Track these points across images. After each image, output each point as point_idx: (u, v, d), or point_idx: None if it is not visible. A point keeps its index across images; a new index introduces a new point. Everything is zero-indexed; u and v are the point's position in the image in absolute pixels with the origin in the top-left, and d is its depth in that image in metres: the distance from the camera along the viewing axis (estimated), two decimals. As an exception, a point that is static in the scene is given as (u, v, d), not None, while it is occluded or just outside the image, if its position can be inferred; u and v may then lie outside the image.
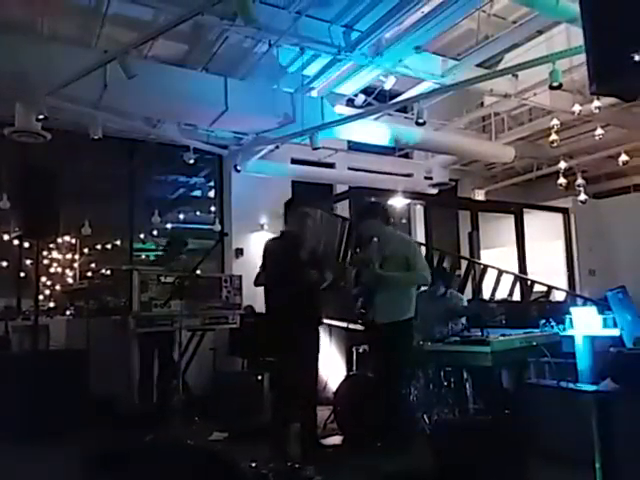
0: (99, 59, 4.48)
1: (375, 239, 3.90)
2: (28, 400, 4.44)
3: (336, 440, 4.32)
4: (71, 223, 6.49)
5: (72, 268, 7.01)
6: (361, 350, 4.91)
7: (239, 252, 7.54)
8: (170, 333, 4.55)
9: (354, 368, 5.13)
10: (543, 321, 4.53)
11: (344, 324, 4.98)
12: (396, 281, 3.72)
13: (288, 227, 3.89)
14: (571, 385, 3.69)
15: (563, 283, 8.12)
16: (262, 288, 3.96)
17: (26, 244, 6.24)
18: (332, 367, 5.81)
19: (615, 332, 3.87)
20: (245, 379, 5.52)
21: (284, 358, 3.71)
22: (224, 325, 5.09)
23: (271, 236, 4.31)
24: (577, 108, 6.28)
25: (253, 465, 3.29)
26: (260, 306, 5.43)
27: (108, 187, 7.19)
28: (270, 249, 3.83)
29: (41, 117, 4.89)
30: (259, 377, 5.26)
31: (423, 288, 5.02)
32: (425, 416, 3.92)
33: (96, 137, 5.30)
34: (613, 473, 1.80)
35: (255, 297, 5.32)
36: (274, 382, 4.04)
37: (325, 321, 5.63)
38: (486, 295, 6.96)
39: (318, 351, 3.81)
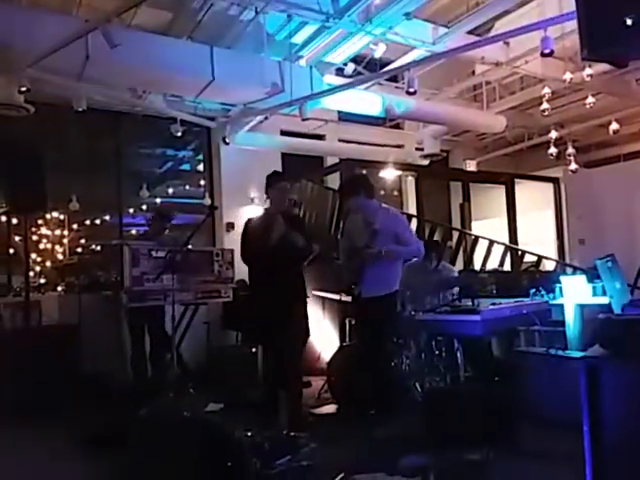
0: (80, 28, 4.34)
1: (360, 216, 3.89)
2: (21, 376, 4.46)
3: (330, 409, 4.40)
4: (59, 199, 6.41)
5: (62, 244, 6.95)
6: (354, 322, 4.96)
7: (230, 226, 7.52)
8: (163, 307, 4.55)
9: (347, 339, 5.19)
10: (533, 290, 4.58)
11: (337, 296, 5.01)
12: (390, 256, 3.73)
13: (270, 200, 3.88)
14: (560, 352, 3.75)
15: (553, 252, 8.20)
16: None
17: (14, 220, 6.17)
18: (325, 338, 5.88)
19: (604, 300, 3.91)
20: (239, 352, 5.58)
21: (270, 331, 3.74)
22: (217, 299, 5.09)
23: (262, 210, 4.29)
24: (568, 76, 6.21)
25: (248, 434, 3.33)
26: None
27: (95, 161, 7.07)
28: (249, 228, 3.86)
29: (23, 89, 4.77)
30: (253, 349, 5.31)
31: (414, 259, 5.06)
32: (417, 384, 3.99)
33: (80, 109, 5.20)
34: (600, 436, 1.84)
35: (247, 271, 5.33)
36: (264, 353, 4.09)
37: (318, 293, 5.68)
38: (477, 265, 7.02)
39: (305, 323, 3.83)
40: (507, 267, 7.28)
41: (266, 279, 3.72)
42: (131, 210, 7.33)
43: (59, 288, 6.33)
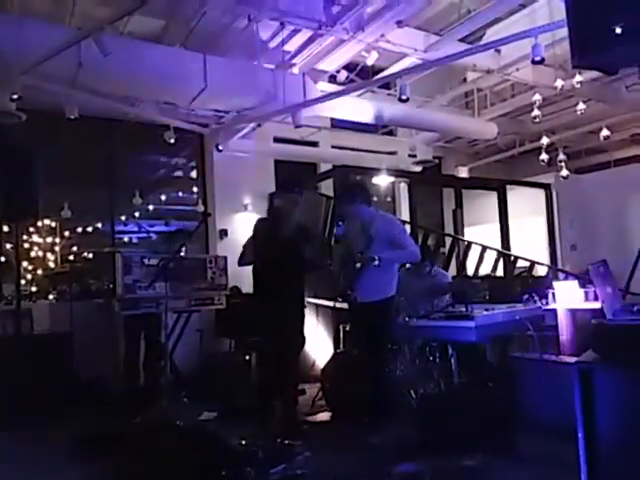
0: (73, 36, 4.34)
1: (358, 222, 3.91)
2: (11, 384, 4.41)
3: (324, 416, 4.38)
4: (50, 206, 6.36)
5: (53, 252, 6.90)
6: (348, 328, 4.95)
7: (223, 233, 7.49)
8: (155, 315, 4.53)
9: (341, 346, 5.18)
10: (526, 296, 4.60)
11: (331, 303, 5.00)
12: (387, 261, 3.74)
13: (277, 211, 3.91)
14: (553, 357, 3.76)
15: (545, 258, 8.24)
16: (249, 269, 3.97)
17: (5, 228, 6.12)
18: (320, 345, 5.86)
19: (596, 305, 3.94)
20: (232, 359, 5.55)
21: (267, 337, 3.74)
22: (210, 306, 5.07)
23: (255, 217, 4.31)
24: (559, 83, 6.28)
25: (243, 443, 3.32)
26: (246, 287, 5.43)
27: (87, 168, 7.02)
28: (259, 228, 3.86)
29: (15, 97, 4.75)
30: (246, 357, 5.29)
31: (408, 265, 5.07)
32: (411, 391, 3.98)
33: (72, 117, 5.18)
34: (594, 441, 1.85)
35: (241, 278, 5.32)
36: (259, 361, 4.09)
37: (312, 300, 5.68)
38: (470, 271, 7.04)
39: (301, 330, 3.84)
40: (500, 273, 7.31)
41: (270, 281, 3.74)
42: (123, 217, 7.30)
43: (51, 296, 6.27)
